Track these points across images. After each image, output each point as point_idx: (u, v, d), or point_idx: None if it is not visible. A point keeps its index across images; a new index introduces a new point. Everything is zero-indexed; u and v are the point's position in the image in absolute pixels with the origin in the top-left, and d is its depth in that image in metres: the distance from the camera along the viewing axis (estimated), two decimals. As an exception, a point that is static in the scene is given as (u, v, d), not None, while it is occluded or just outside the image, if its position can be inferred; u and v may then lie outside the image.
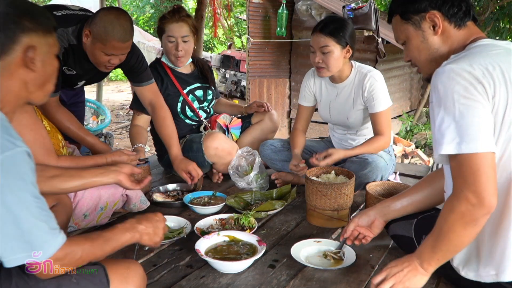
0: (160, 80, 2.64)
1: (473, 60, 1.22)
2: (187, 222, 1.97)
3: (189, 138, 2.66)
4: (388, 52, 5.47)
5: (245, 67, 6.78)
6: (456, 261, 1.36)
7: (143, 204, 2.08)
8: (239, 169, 2.53)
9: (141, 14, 15.38)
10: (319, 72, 2.36)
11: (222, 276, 1.59)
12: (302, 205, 2.25)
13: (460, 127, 1.17)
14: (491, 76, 1.19)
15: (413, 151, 5.04)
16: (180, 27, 2.52)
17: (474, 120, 1.17)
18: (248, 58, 6.11)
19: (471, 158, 1.17)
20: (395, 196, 1.73)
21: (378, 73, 2.39)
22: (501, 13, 5.72)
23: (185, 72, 2.74)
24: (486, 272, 1.29)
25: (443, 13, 1.36)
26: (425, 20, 1.38)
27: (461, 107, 1.18)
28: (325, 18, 2.36)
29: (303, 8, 5.76)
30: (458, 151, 1.18)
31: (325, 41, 2.25)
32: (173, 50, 2.57)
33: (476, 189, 1.16)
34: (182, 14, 2.54)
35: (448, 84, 1.20)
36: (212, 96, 2.84)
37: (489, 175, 1.16)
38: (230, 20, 12.84)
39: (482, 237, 1.29)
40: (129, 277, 1.22)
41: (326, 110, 2.54)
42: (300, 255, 1.71)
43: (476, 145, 1.16)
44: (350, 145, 2.56)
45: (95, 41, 2.01)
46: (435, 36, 1.38)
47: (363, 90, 2.35)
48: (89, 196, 1.87)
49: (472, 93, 1.18)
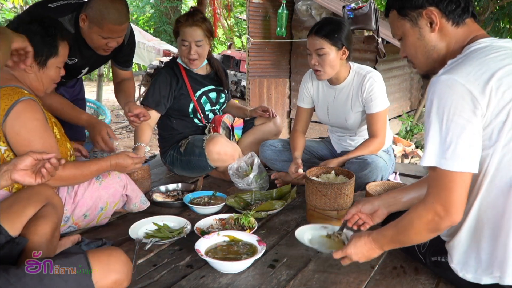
0: (176, 80, 2.66)
1: (468, 69, 1.20)
2: (187, 222, 1.97)
3: (191, 141, 2.65)
4: (388, 52, 5.47)
5: (245, 67, 6.78)
6: (454, 261, 1.36)
7: (143, 204, 2.08)
8: (239, 170, 2.54)
9: (141, 14, 15.40)
10: (317, 76, 2.37)
11: (222, 276, 1.59)
12: (302, 205, 2.25)
13: (444, 143, 1.19)
14: (486, 86, 1.17)
15: (413, 151, 5.05)
16: (194, 31, 2.52)
17: (459, 139, 1.18)
18: (248, 58, 6.11)
19: (448, 175, 1.20)
20: (402, 188, 1.74)
21: (377, 74, 2.39)
22: (501, 13, 5.71)
23: (201, 73, 2.74)
24: (486, 274, 1.29)
25: (440, 9, 1.33)
26: (422, 16, 1.35)
27: (449, 123, 1.18)
28: (321, 20, 2.37)
29: (303, 8, 5.76)
30: (437, 165, 1.21)
31: (320, 43, 2.25)
32: (187, 54, 2.57)
33: (446, 204, 1.22)
34: (196, 18, 2.52)
35: (441, 97, 1.20)
36: (224, 100, 2.86)
37: (461, 194, 1.21)
38: (230, 20, 12.85)
39: (482, 240, 1.29)
40: (111, 263, 1.23)
41: (324, 112, 2.54)
42: (304, 237, 1.71)
43: (454, 164, 1.18)
44: (349, 145, 2.56)
45: (91, 25, 2.05)
46: (432, 33, 1.35)
47: (362, 91, 2.35)
48: (89, 196, 1.87)
49: (463, 109, 1.18)
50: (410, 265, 1.67)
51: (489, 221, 1.27)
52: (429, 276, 1.59)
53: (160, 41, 11.03)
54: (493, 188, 1.25)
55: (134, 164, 1.98)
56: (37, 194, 1.56)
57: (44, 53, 1.74)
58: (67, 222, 1.86)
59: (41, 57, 1.74)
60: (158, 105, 2.61)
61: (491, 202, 1.26)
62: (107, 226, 2.00)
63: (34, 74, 1.76)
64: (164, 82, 2.63)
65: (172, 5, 14.30)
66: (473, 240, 1.31)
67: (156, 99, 2.61)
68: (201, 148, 2.56)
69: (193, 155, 2.60)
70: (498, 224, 1.25)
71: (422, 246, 1.55)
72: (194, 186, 2.51)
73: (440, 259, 1.46)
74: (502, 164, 1.22)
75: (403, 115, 6.37)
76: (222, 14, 10.84)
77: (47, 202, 1.57)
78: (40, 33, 1.72)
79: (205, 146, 2.55)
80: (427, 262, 1.55)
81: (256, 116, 2.91)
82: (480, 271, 1.30)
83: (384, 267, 1.67)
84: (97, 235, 1.91)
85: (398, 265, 1.68)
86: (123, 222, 2.02)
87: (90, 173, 1.82)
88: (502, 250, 1.25)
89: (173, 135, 2.73)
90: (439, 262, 1.47)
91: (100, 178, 1.90)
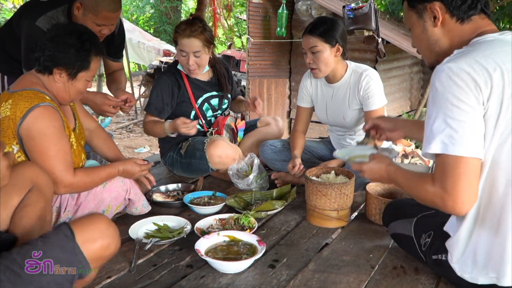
0: (177, 87, 2.63)
1: (474, 60, 1.21)
2: (187, 222, 1.97)
3: (191, 143, 2.64)
4: (388, 52, 5.47)
5: (245, 67, 6.77)
6: (454, 260, 1.36)
7: (145, 208, 2.09)
8: (239, 171, 2.54)
9: (141, 14, 15.40)
10: (313, 74, 2.40)
11: (222, 276, 1.59)
12: (302, 205, 2.25)
13: (450, 129, 1.18)
14: (490, 79, 1.18)
15: (413, 151, 5.04)
16: (191, 42, 2.47)
17: (464, 124, 1.17)
18: (248, 58, 6.10)
19: (455, 161, 1.18)
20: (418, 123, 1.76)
21: (374, 72, 2.40)
22: (501, 13, 5.72)
23: (203, 79, 2.72)
24: (483, 275, 1.29)
25: (445, 5, 1.33)
26: (427, 10, 1.36)
27: (454, 109, 1.18)
28: (314, 20, 2.40)
29: (303, 8, 5.75)
30: (443, 151, 1.19)
31: (313, 41, 2.29)
32: (185, 63, 2.55)
33: (453, 192, 1.20)
34: (194, 29, 2.45)
35: (445, 84, 1.20)
36: (227, 105, 2.84)
37: (468, 180, 1.19)
38: (230, 20, 12.84)
39: (480, 241, 1.29)
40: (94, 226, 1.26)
41: (323, 111, 2.55)
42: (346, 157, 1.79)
43: (461, 149, 1.17)
44: (349, 144, 2.57)
45: (86, 12, 2.12)
46: (435, 28, 1.36)
47: (359, 89, 2.37)
48: (92, 198, 1.87)
49: (467, 96, 1.18)
50: (410, 265, 1.67)
51: (488, 221, 1.27)
52: (429, 276, 1.59)
53: (160, 41, 11.02)
54: (492, 187, 1.24)
55: (141, 171, 2.01)
56: (21, 179, 1.51)
57: (76, 66, 1.76)
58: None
59: (73, 69, 1.76)
60: (161, 112, 2.60)
61: (490, 202, 1.26)
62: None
63: (62, 84, 1.78)
64: (166, 89, 2.59)
65: (172, 5, 14.29)
66: (471, 239, 1.31)
67: (159, 107, 2.59)
68: (202, 151, 2.55)
69: (193, 157, 2.59)
70: (496, 224, 1.25)
71: (423, 244, 1.55)
72: (194, 186, 2.51)
73: (441, 257, 1.46)
74: (500, 165, 1.21)
75: (403, 115, 6.37)
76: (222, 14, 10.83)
77: (31, 186, 1.53)
78: (76, 46, 1.74)
79: (206, 150, 2.54)
80: (427, 261, 1.55)
81: (258, 118, 2.93)
82: (476, 272, 1.30)
83: (384, 267, 1.67)
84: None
85: (398, 265, 1.68)
86: (123, 222, 2.01)
87: (100, 180, 1.86)
88: (499, 251, 1.25)
89: (173, 137, 2.73)
90: (440, 260, 1.47)
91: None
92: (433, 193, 1.25)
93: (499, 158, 1.21)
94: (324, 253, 1.79)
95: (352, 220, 2.12)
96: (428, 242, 1.53)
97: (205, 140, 2.59)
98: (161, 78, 2.65)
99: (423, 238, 1.56)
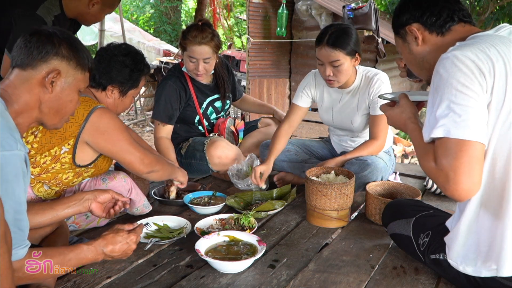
0: (184, 91, 2.62)
1: (478, 49, 1.21)
2: (187, 222, 1.97)
3: (192, 144, 2.65)
4: (388, 52, 5.47)
5: (245, 67, 6.78)
6: (454, 255, 1.36)
7: (146, 209, 2.08)
8: (239, 172, 2.53)
9: (141, 14, 15.39)
10: (329, 84, 2.32)
11: (222, 276, 1.59)
12: (302, 205, 2.25)
13: (453, 113, 1.17)
14: (493, 68, 1.19)
15: (413, 151, 5.04)
16: (202, 49, 2.46)
17: (468, 109, 1.17)
18: (248, 58, 6.11)
19: (458, 144, 1.16)
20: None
21: (385, 75, 2.37)
22: (501, 13, 5.73)
23: (205, 82, 2.72)
24: (486, 267, 1.29)
25: (421, 24, 1.39)
26: (407, 33, 1.43)
27: (458, 94, 1.18)
28: (329, 28, 2.25)
29: (303, 8, 5.75)
30: (446, 134, 1.17)
31: (335, 55, 2.19)
32: (193, 69, 2.54)
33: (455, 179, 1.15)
34: (204, 35, 2.44)
35: (450, 70, 1.20)
36: (229, 106, 2.88)
37: (471, 163, 1.15)
38: (230, 20, 12.85)
39: (481, 232, 1.29)
40: None
41: (329, 114, 2.53)
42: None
43: (465, 132, 1.15)
44: (350, 145, 2.56)
45: (104, 7, 2.27)
46: (418, 47, 1.43)
47: (370, 92, 2.34)
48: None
49: (472, 82, 1.18)
50: (410, 265, 1.67)
51: (489, 211, 1.27)
52: (429, 276, 1.59)
53: (160, 41, 11.02)
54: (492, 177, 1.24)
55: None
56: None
57: (129, 85, 1.95)
58: (68, 221, 1.86)
59: (125, 87, 1.94)
60: (171, 119, 2.58)
61: (491, 192, 1.25)
62: (107, 226, 2.00)
63: (113, 100, 1.95)
64: (174, 95, 2.57)
65: (172, 5, 14.29)
66: (473, 231, 1.30)
67: (169, 114, 2.57)
68: (202, 152, 2.56)
69: (194, 158, 2.60)
70: (496, 215, 1.25)
71: (421, 244, 1.56)
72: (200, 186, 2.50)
73: (438, 256, 1.46)
74: (501, 154, 1.21)
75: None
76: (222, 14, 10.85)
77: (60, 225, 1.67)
78: (131, 67, 1.93)
79: (205, 150, 2.54)
80: (426, 261, 1.55)
81: (259, 119, 2.94)
82: (480, 264, 1.30)
83: (384, 267, 1.67)
84: (96, 235, 1.90)
85: (398, 265, 1.68)
86: (123, 222, 2.01)
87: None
88: (500, 241, 1.25)
89: (174, 137, 2.73)
90: (438, 260, 1.47)
91: (106, 181, 1.89)
92: (436, 172, 1.20)
93: (501, 148, 1.21)
94: (324, 253, 1.79)
95: (352, 220, 2.13)
96: (426, 242, 1.53)
97: (205, 141, 2.59)
98: (166, 84, 2.59)
99: (421, 238, 1.56)
